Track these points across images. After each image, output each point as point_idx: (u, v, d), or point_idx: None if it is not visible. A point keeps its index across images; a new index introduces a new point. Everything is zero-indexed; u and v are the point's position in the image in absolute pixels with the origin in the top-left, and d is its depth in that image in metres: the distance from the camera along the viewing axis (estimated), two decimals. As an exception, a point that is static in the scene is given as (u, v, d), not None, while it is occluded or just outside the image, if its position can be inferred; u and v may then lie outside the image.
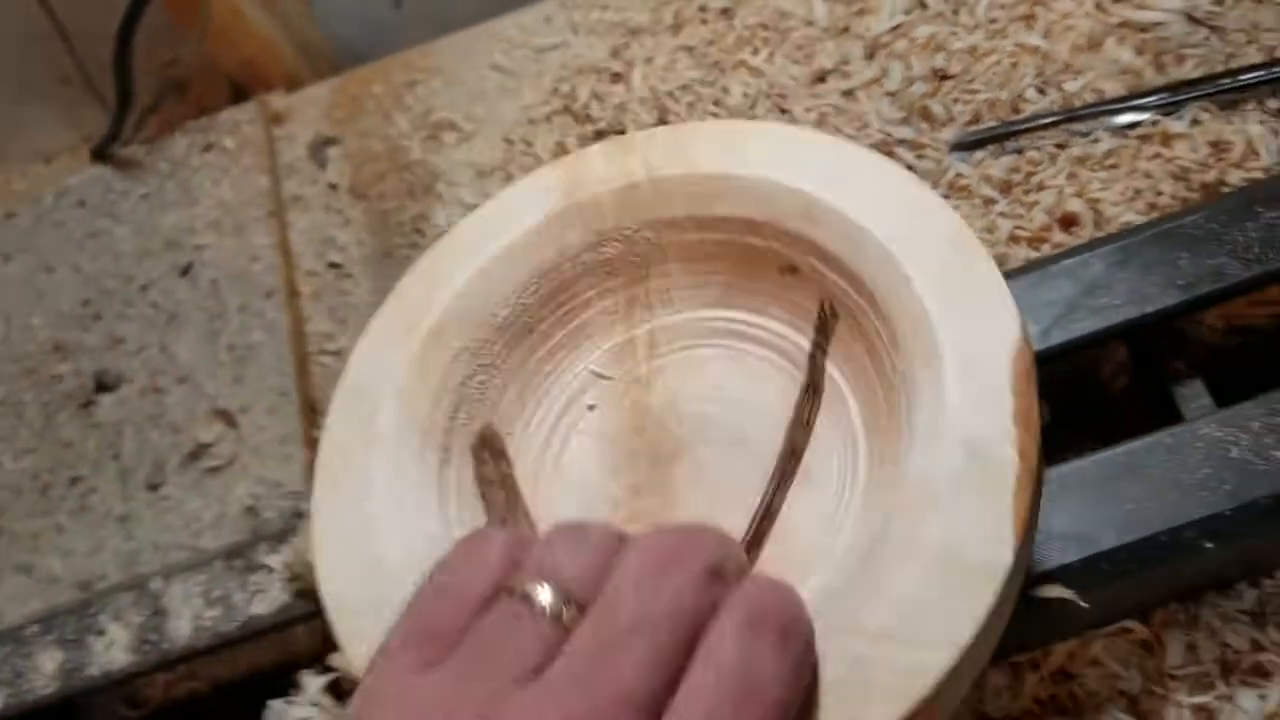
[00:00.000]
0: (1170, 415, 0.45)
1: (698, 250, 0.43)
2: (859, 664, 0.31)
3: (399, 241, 0.67)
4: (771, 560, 0.39)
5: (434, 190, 0.68)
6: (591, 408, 0.44)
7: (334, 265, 0.67)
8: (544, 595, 0.29)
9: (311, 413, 0.62)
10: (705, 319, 0.44)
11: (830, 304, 0.41)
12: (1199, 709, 0.42)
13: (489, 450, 0.42)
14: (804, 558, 0.38)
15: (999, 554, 0.32)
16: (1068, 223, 0.55)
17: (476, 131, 0.70)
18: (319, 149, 0.71)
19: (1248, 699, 0.42)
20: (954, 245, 0.38)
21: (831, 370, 0.41)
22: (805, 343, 0.42)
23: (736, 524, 0.40)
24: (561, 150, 0.67)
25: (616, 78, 0.69)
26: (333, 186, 0.70)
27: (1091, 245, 0.46)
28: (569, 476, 0.43)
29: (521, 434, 0.43)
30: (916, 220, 0.39)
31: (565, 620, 0.29)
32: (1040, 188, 0.56)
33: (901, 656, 0.31)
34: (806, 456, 0.40)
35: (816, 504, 0.39)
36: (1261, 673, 0.43)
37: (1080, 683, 0.44)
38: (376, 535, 0.38)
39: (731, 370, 0.43)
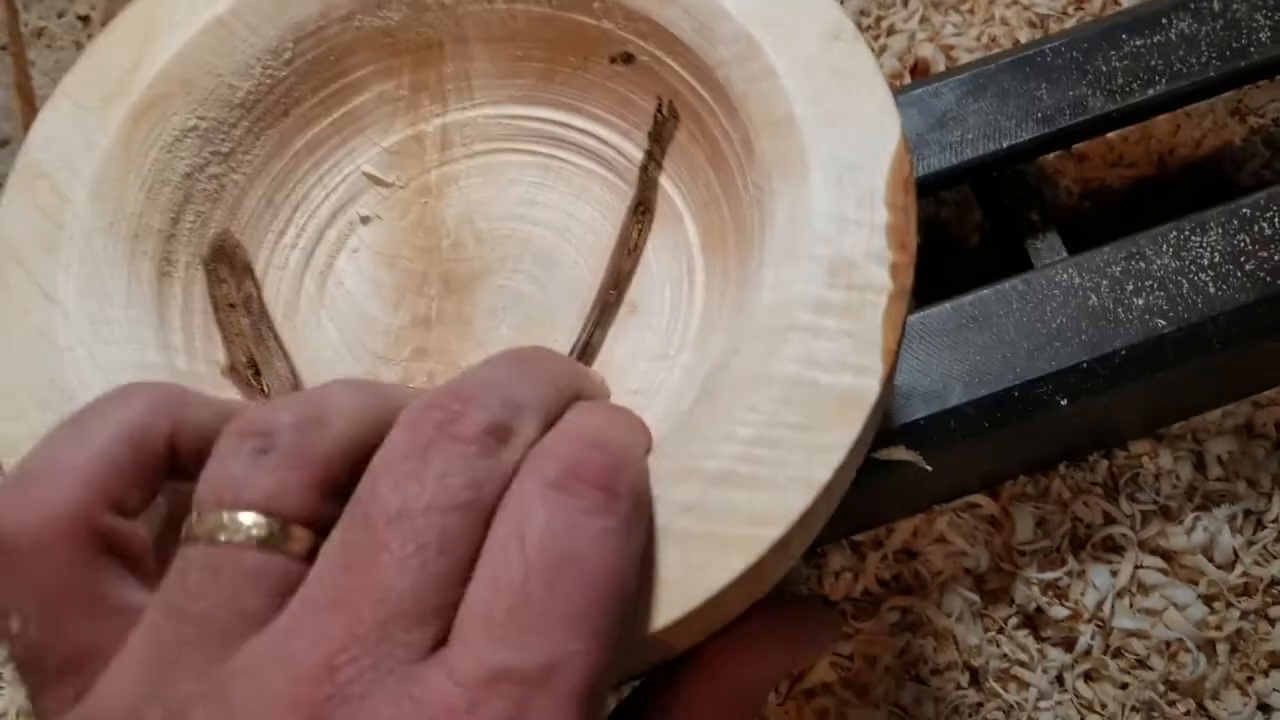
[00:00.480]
0: (1024, 269, 0.40)
1: (508, 26, 0.35)
2: (696, 511, 0.25)
3: (167, 89, 0.57)
4: None
5: (210, 31, 0.58)
6: (366, 220, 0.36)
7: (89, 116, 0.57)
8: (242, 525, 0.21)
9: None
10: (514, 116, 0.36)
11: (670, 102, 0.34)
12: (1049, 586, 0.39)
13: (228, 265, 0.34)
14: (630, 401, 0.33)
15: (863, 385, 0.26)
16: (919, 70, 0.50)
17: (261, -34, 0.60)
18: (69, -22, 0.60)
19: (1099, 574, 0.39)
20: (829, 36, 0.31)
21: (666, 185, 0.35)
22: (636, 152, 0.35)
23: None
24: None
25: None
26: (83, 19, 0.59)
27: (943, 75, 0.41)
28: (338, 304, 0.35)
29: (274, 248, 0.35)
30: (785, 3, 0.32)
31: (292, 546, 0.21)
32: (890, 32, 0.51)
33: (748, 501, 0.25)
34: (634, 285, 0.34)
35: (645, 340, 0.33)
36: (1113, 547, 0.39)
37: (924, 561, 0.39)
38: (65, 366, 0.29)
39: (544, 181, 0.36)
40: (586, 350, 0.34)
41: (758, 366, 0.27)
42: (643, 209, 0.35)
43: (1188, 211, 0.38)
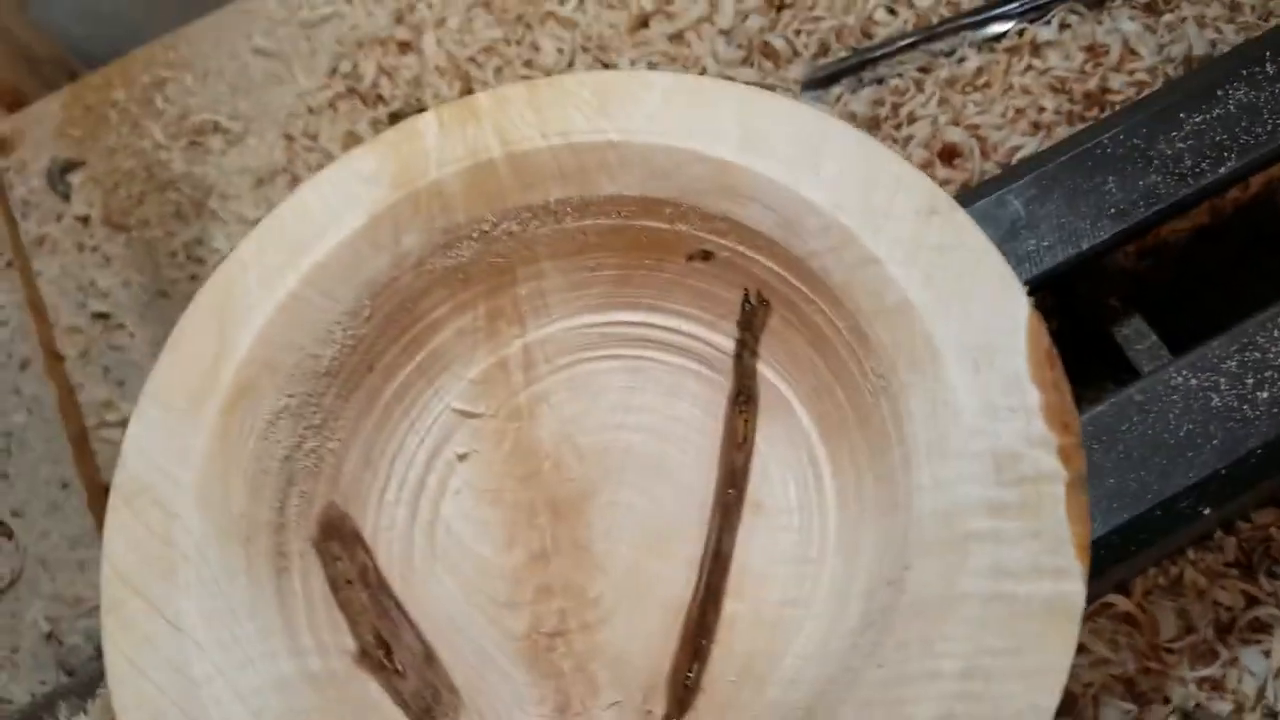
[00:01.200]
0: (1116, 359, 0.40)
1: (579, 241, 0.34)
2: None
3: (175, 275, 0.56)
4: (737, 624, 0.32)
5: (207, 208, 0.57)
6: (463, 457, 0.35)
7: (100, 316, 0.55)
8: None
9: (104, 501, 0.50)
10: (594, 324, 0.36)
11: (757, 291, 0.33)
12: (1204, 681, 0.38)
13: (338, 540, 0.33)
14: (778, 615, 0.31)
15: (1066, 591, 0.25)
16: (949, 155, 0.49)
17: (247, 131, 0.59)
18: (59, 176, 0.58)
19: (1253, 658, 0.38)
20: (925, 212, 0.30)
21: (765, 372, 0.34)
22: (725, 342, 0.34)
23: (678, 578, 0.32)
24: (354, 141, 0.57)
25: (405, 47, 0.59)
26: (82, 220, 0.57)
27: (1003, 180, 0.40)
28: (450, 554, 0.34)
29: (379, 507, 0.34)
30: (869, 182, 0.31)
31: None
32: (911, 119, 0.50)
33: None
34: (752, 482, 0.33)
35: (778, 541, 0.32)
36: (1261, 627, 0.39)
37: (1071, 674, 0.39)
38: (204, 695, 0.28)
39: (635, 384, 0.35)
40: (719, 559, 0.33)
41: (941, 586, 0.26)
42: (744, 399, 0.34)
43: (1248, 258, 0.37)
